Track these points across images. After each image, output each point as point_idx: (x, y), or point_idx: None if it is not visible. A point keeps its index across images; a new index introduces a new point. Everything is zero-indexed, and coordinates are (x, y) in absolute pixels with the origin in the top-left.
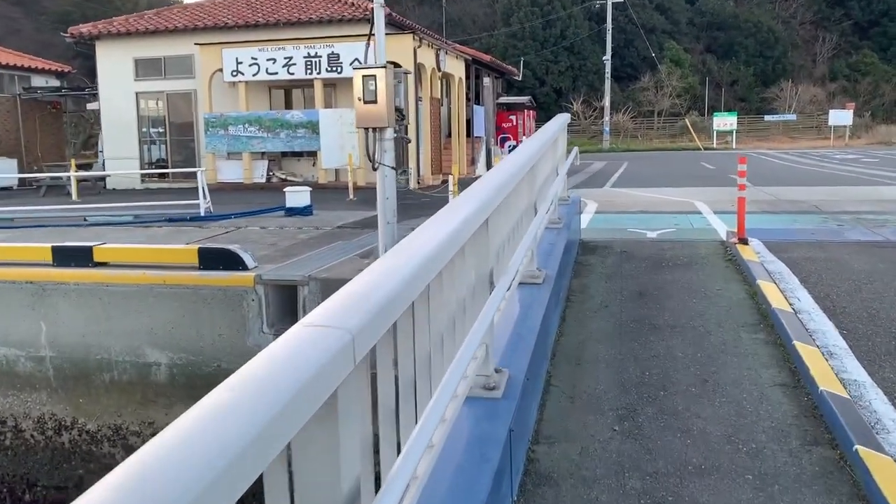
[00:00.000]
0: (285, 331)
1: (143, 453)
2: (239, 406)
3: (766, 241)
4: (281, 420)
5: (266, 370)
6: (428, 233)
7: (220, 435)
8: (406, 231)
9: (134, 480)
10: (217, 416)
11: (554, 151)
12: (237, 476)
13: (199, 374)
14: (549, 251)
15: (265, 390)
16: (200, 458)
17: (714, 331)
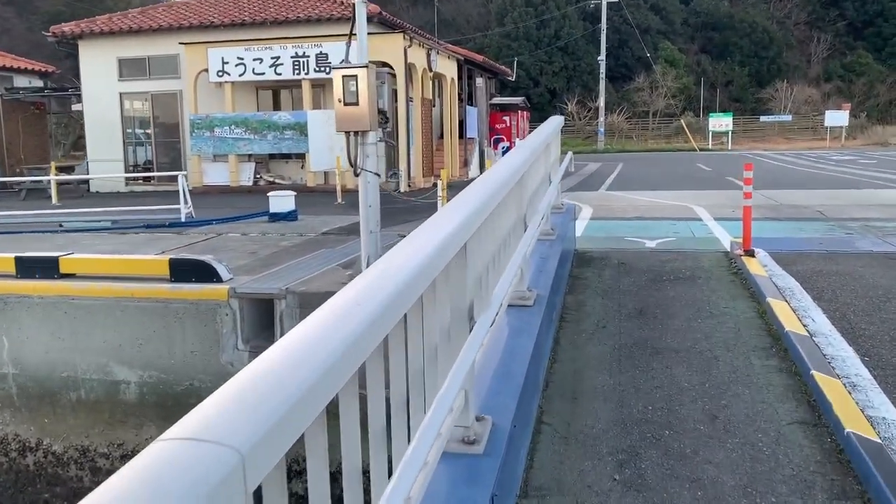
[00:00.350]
0: (261, 347)
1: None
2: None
3: (773, 252)
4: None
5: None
6: (387, 271)
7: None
8: (393, 238)
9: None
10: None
11: (546, 158)
12: None
13: (170, 394)
14: (540, 267)
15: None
16: None
17: (722, 356)
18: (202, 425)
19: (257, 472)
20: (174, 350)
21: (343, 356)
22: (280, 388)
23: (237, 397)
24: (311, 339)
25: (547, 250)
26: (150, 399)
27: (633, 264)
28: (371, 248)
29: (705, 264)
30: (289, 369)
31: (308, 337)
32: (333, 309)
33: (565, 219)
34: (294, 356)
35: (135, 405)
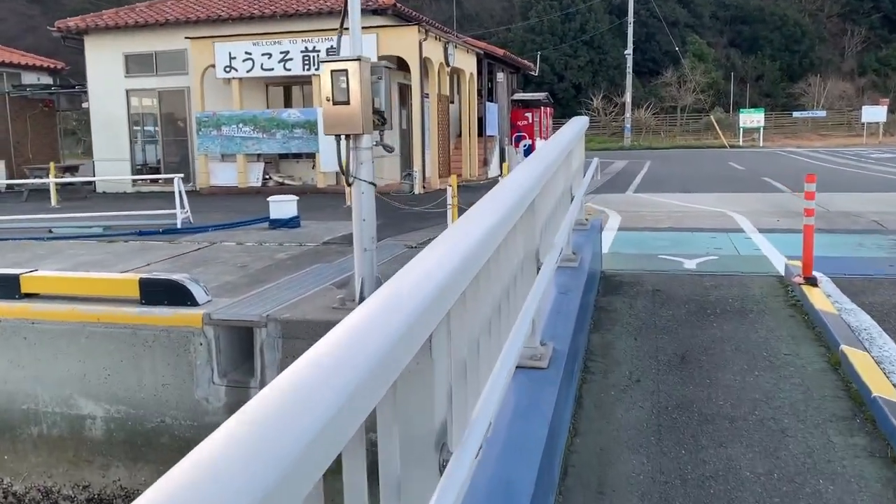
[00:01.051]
0: (240, 382)
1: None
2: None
3: (835, 277)
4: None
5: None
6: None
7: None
8: (399, 249)
9: None
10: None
11: (567, 169)
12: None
13: (139, 431)
14: (559, 306)
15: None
16: None
17: (791, 428)
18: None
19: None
20: (144, 382)
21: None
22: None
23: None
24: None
25: (567, 281)
26: (117, 436)
27: (671, 292)
28: (365, 267)
29: (756, 292)
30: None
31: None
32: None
33: (590, 237)
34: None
35: (101, 443)
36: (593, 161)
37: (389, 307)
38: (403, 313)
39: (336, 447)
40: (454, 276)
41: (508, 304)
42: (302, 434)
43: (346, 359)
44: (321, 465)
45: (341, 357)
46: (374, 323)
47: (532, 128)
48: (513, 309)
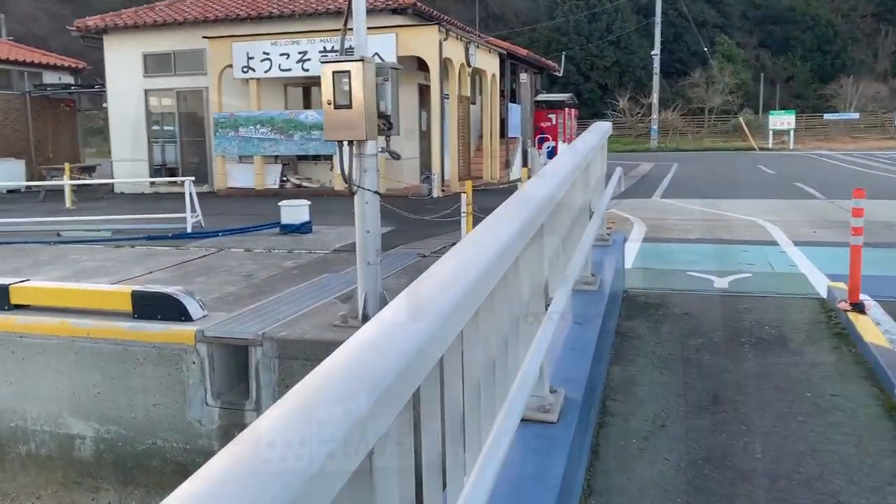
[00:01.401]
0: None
1: None
2: None
3: (884, 300)
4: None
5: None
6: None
7: None
8: (411, 258)
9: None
10: None
11: (586, 182)
12: None
13: (130, 453)
14: (574, 340)
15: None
16: None
17: (843, 491)
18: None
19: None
20: (135, 402)
21: None
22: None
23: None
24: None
25: (585, 308)
26: (107, 458)
27: (701, 315)
28: (369, 283)
29: (795, 318)
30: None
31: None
32: None
33: (612, 254)
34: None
35: (91, 464)
36: (616, 172)
37: (376, 348)
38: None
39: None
40: (437, 328)
41: (506, 355)
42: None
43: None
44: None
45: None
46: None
47: (556, 129)
48: (514, 359)
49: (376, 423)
